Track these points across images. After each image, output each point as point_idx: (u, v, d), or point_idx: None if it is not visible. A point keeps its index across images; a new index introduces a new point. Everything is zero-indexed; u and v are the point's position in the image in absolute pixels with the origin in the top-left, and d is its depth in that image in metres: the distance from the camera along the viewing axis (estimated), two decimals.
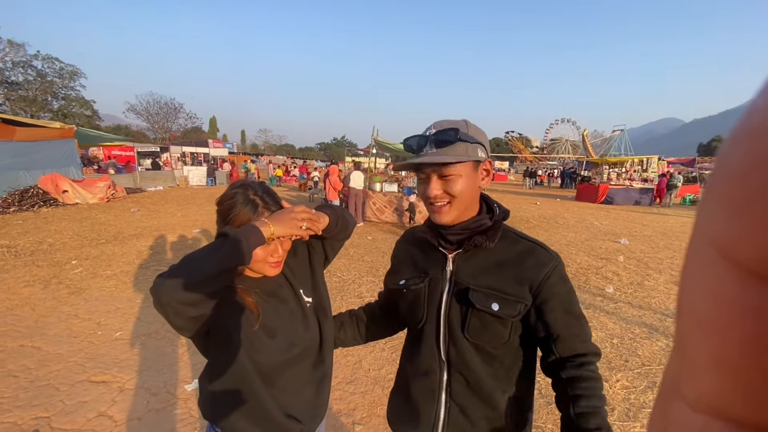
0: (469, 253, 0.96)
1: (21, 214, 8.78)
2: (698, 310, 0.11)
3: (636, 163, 19.46)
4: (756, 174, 0.09)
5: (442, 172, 0.89)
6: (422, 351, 1.01)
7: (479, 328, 0.92)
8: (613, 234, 8.42)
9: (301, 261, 1.18)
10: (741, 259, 0.10)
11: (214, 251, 0.81)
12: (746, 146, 0.10)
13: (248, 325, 0.98)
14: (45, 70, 36.13)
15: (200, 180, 19.05)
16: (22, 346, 3.14)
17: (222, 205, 1.01)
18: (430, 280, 1.00)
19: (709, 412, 0.11)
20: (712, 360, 0.11)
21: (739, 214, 0.10)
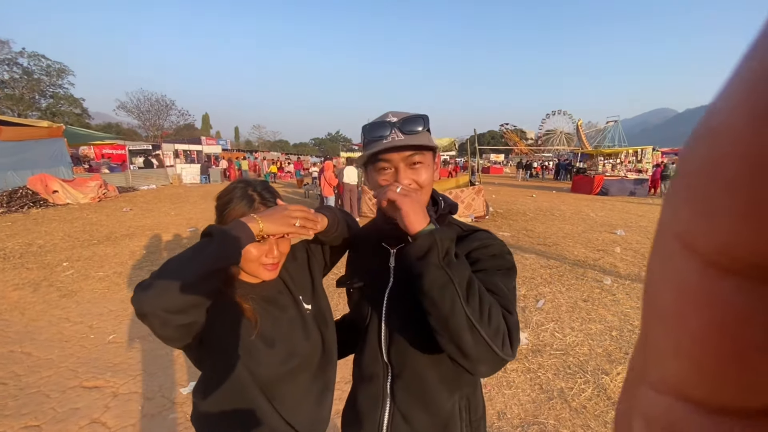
0: None
1: (10, 216, 8.63)
2: (661, 299, 0.12)
3: (631, 153, 19.53)
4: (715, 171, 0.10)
5: (412, 160, 0.86)
6: (366, 353, 0.97)
7: (422, 324, 0.81)
8: (610, 225, 8.43)
9: (301, 267, 1.13)
10: (701, 251, 0.10)
11: (198, 252, 0.76)
12: (706, 145, 0.10)
13: (245, 333, 0.93)
14: (31, 68, 35.50)
15: (194, 178, 18.87)
16: (11, 351, 3.06)
17: (220, 200, 0.97)
18: (372, 277, 0.96)
19: (672, 394, 0.12)
20: (673, 346, 0.11)
21: (700, 208, 0.10)
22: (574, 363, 2.92)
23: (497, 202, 12.02)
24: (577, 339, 3.29)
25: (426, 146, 0.87)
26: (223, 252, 0.77)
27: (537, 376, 2.76)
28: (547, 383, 2.67)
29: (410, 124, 0.85)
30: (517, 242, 6.81)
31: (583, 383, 2.65)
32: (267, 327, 0.96)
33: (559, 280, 4.78)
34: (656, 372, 0.12)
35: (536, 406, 2.44)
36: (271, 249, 0.95)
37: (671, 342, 0.11)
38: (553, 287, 4.54)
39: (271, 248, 0.95)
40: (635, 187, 15.59)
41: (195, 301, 0.74)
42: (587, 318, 3.70)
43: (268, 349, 0.94)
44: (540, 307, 3.94)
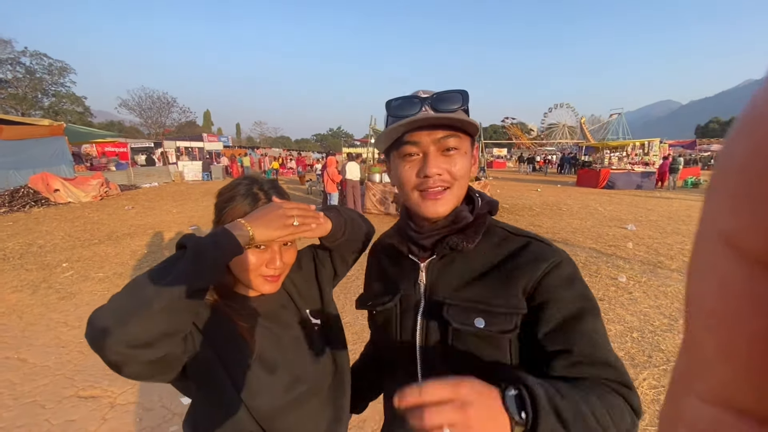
0: (445, 259, 0.76)
1: (11, 215, 8.54)
2: (707, 302, 0.11)
3: (638, 146, 19.23)
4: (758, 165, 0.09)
5: (445, 144, 0.70)
6: (397, 378, 0.80)
7: (466, 358, 0.69)
8: (619, 220, 8.23)
9: (308, 276, 0.98)
10: (748, 249, 0.10)
11: (165, 272, 0.60)
12: (748, 139, 0.10)
13: (240, 358, 0.79)
14: (33, 67, 35.48)
15: (196, 175, 18.77)
16: (7, 358, 2.94)
17: (221, 197, 0.84)
18: (401, 297, 0.79)
19: (721, 404, 0.11)
20: (721, 352, 0.11)
21: (744, 204, 0.10)
22: None
23: (502, 197, 11.83)
24: None
25: (464, 127, 0.70)
26: (198, 269, 0.60)
27: None
28: None
29: (445, 101, 0.69)
30: None
31: None
32: (267, 349, 0.82)
33: None
34: (702, 380, 0.12)
35: None
36: (273, 258, 0.81)
37: (718, 348, 0.11)
38: None
39: (273, 257, 0.81)
40: (642, 181, 15.36)
41: (164, 331, 0.59)
42: (605, 318, 3.53)
43: (269, 376, 0.80)
44: None
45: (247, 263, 0.79)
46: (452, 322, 0.69)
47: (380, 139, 0.75)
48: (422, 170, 0.70)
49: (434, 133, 0.69)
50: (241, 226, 0.69)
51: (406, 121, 0.68)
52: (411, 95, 0.72)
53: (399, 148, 0.73)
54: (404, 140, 0.71)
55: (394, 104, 0.72)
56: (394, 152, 0.75)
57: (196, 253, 0.61)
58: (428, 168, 0.69)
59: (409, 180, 0.73)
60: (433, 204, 0.72)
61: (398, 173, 0.74)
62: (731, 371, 0.11)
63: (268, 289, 0.83)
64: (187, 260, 0.60)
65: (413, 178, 0.72)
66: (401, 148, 0.72)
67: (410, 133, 0.70)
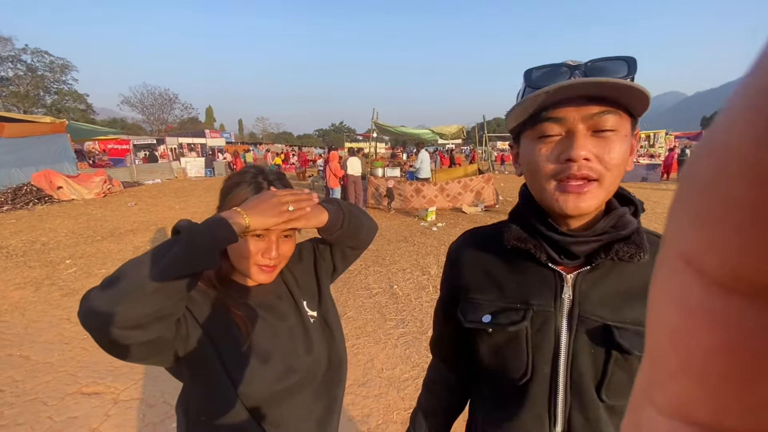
0: (598, 272, 0.62)
1: (15, 213, 8.55)
2: (666, 318, 0.11)
3: (643, 138, 19.05)
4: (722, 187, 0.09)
5: (600, 123, 0.54)
6: (522, 419, 0.67)
7: (626, 384, 0.60)
8: None
9: (307, 269, 0.98)
10: (707, 269, 0.10)
11: (160, 255, 0.61)
12: (709, 161, 0.10)
13: (234, 346, 0.79)
14: (35, 65, 35.49)
15: (198, 171, 18.75)
16: (9, 355, 2.94)
17: (227, 182, 0.86)
18: (534, 314, 0.65)
19: (678, 417, 0.11)
20: (679, 367, 0.11)
21: (707, 226, 0.10)
22: None
23: (507, 191, 11.73)
24: None
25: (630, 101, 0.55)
26: (191, 255, 0.61)
27: None
28: None
29: (604, 70, 0.55)
30: None
31: None
32: (261, 338, 0.83)
33: None
34: (662, 394, 0.12)
35: None
36: (269, 248, 0.81)
37: (677, 361, 0.11)
38: None
39: (269, 247, 0.81)
40: (647, 173, 15.19)
41: (155, 314, 0.61)
42: None
43: (261, 364, 0.81)
44: None
45: (243, 252, 0.80)
46: (632, 349, 0.58)
47: (511, 113, 0.60)
48: (565, 152, 0.55)
49: (586, 108, 0.54)
50: (238, 214, 0.69)
51: (551, 87, 0.53)
52: (559, 63, 0.58)
53: (534, 126, 0.58)
54: (543, 116, 0.57)
55: (536, 73, 0.59)
56: (527, 132, 0.61)
57: (190, 238, 0.61)
58: (574, 150, 0.54)
59: (544, 166, 0.58)
60: (575, 198, 0.56)
61: (531, 157, 0.59)
62: (688, 386, 0.11)
63: (263, 278, 0.83)
64: (181, 245, 0.60)
65: (550, 164, 0.57)
66: (537, 127, 0.58)
67: (553, 109, 0.56)
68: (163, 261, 0.59)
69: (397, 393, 2.46)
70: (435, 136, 11.18)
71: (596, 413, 0.62)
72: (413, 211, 8.38)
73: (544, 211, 0.64)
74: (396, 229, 7.05)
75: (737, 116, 0.09)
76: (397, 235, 6.54)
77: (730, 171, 0.09)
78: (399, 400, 2.39)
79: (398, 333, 3.21)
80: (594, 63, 0.56)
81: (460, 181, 8.71)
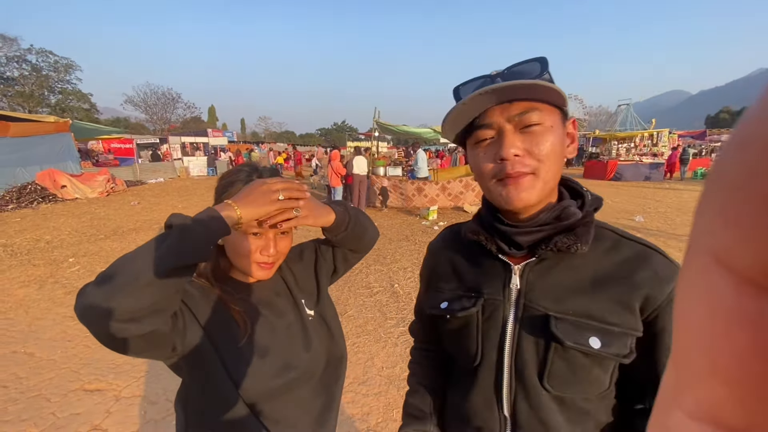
0: (545, 263, 0.66)
1: (19, 211, 8.62)
2: (694, 318, 0.11)
3: (646, 137, 18.93)
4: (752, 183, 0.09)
5: (524, 120, 0.59)
6: (474, 401, 0.71)
7: (567, 375, 0.63)
8: (627, 212, 8.13)
9: (307, 267, 0.99)
10: (738, 268, 0.10)
11: (155, 247, 0.61)
12: (740, 155, 0.10)
13: (232, 341, 0.80)
14: (40, 65, 35.63)
15: (201, 170, 18.82)
16: (14, 352, 2.96)
17: (222, 181, 0.86)
18: (485, 302, 0.69)
19: (707, 421, 0.11)
20: (708, 369, 0.11)
21: (736, 222, 0.10)
22: None
23: None
24: None
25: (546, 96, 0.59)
26: (183, 248, 0.61)
27: None
28: None
29: (519, 73, 0.60)
30: None
31: None
32: (259, 334, 0.83)
33: None
34: (690, 396, 0.11)
35: None
36: (267, 245, 0.82)
37: (706, 364, 0.11)
38: None
39: (267, 245, 0.82)
40: (651, 172, 15.13)
41: (150, 307, 0.61)
42: None
43: (259, 359, 0.81)
44: None
45: (241, 250, 0.80)
46: (564, 339, 0.61)
47: (447, 126, 0.65)
48: (498, 153, 0.60)
49: (508, 108, 0.59)
50: (228, 206, 0.69)
51: (468, 97, 0.58)
52: (480, 76, 0.64)
53: (471, 133, 0.64)
54: (476, 124, 0.62)
55: (462, 88, 0.64)
56: (468, 140, 0.66)
57: (182, 231, 0.61)
58: (504, 150, 0.59)
59: (485, 167, 0.63)
60: (514, 190, 0.60)
61: (474, 162, 0.65)
62: (718, 389, 0.10)
63: (261, 275, 0.84)
64: (174, 238, 0.61)
65: (489, 165, 0.62)
66: (473, 134, 0.63)
67: (482, 115, 0.61)
68: (156, 254, 0.60)
69: (397, 391, 2.47)
70: (437, 135, 11.16)
71: (539, 400, 0.65)
72: (415, 210, 8.38)
73: (496, 208, 0.68)
74: (397, 228, 7.05)
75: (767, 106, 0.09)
76: (398, 234, 6.55)
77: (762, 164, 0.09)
78: (399, 399, 2.40)
79: (398, 332, 3.22)
80: (511, 68, 0.62)
81: (462, 180, 8.70)
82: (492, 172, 0.62)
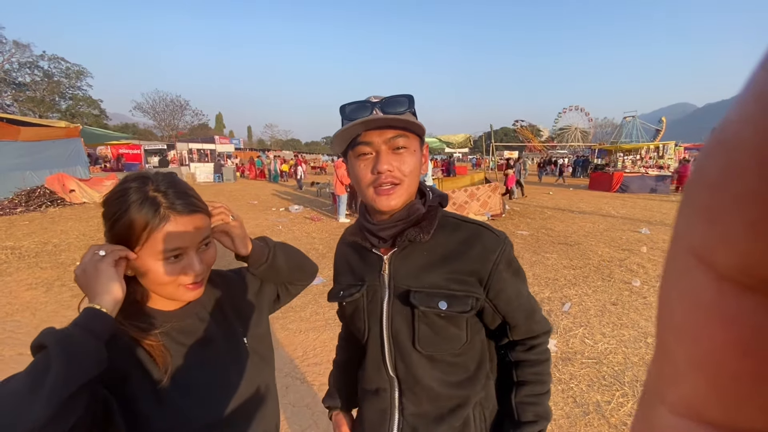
0: (405, 251, 0.84)
1: (28, 215, 8.72)
2: (676, 316, 0.11)
3: (652, 149, 18.88)
4: (731, 183, 0.09)
5: (395, 143, 0.77)
6: (369, 368, 0.89)
7: (430, 336, 0.81)
8: (633, 223, 8.08)
9: (249, 293, 0.94)
10: (718, 266, 0.10)
11: (37, 385, 0.51)
12: (719, 157, 0.10)
13: (150, 382, 0.70)
14: (51, 71, 36.38)
15: (207, 176, 19.00)
16: (20, 354, 2.99)
17: (108, 207, 0.71)
18: (368, 288, 0.87)
19: (690, 416, 0.11)
20: (690, 365, 0.11)
21: (716, 221, 0.10)
22: (608, 373, 2.69)
23: (513, 200, 11.71)
24: (609, 346, 3.06)
25: (411, 128, 0.77)
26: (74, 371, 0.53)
27: (569, 387, 2.55)
28: (581, 396, 2.46)
29: (393, 104, 0.77)
30: (537, 241, 6.56)
31: (621, 396, 2.44)
32: (184, 368, 0.74)
33: (585, 282, 4.53)
34: (673, 392, 0.12)
35: (571, 422, 2.24)
36: (191, 264, 0.72)
37: (688, 359, 0.11)
38: (579, 289, 4.30)
39: (190, 263, 0.72)
40: (657, 184, 15.04)
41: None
42: (618, 323, 3.46)
43: (184, 399, 0.72)
44: (567, 311, 3.71)
45: (160, 277, 0.70)
46: (419, 305, 0.78)
47: (336, 140, 0.79)
48: (375, 167, 0.76)
49: (384, 133, 0.76)
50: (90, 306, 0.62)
51: (358, 122, 0.73)
52: (363, 100, 0.78)
53: (354, 147, 0.78)
54: (358, 141, 0.77)
55: (348, 108, 0.78)
56: (351, 152, 0.80)
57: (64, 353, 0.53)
58: (380, 165, 0.75)
59: (364, 177, 0.78)
60: (386, 198, 0.77)
61: (355, 171, 0.80)
62: (699, 384, 0.11)
63: (192, 296, 0.75)
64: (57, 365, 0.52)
65: (368, 175, 0.78)
66: (356, 148, 0.78)
67: (363, 134, 0.76)
68: (43, 391, 0.50)
69: None
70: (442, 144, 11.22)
71: (412, 360, 0.83)
72: None
73: (369, 211, 0.86)
74: None
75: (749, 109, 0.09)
76: None
77: (742, 164, 0.09)
78: None
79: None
80: (388, 99, 0.77)
81: (467, 189, 8.71)
82: (370, 181, 0.78)
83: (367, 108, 0.76)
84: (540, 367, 0.86)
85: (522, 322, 0.84)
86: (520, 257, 5.53)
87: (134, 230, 0.68)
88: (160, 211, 0.69)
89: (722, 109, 19.27)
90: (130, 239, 0.69)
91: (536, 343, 0.86)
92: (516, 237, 6.88)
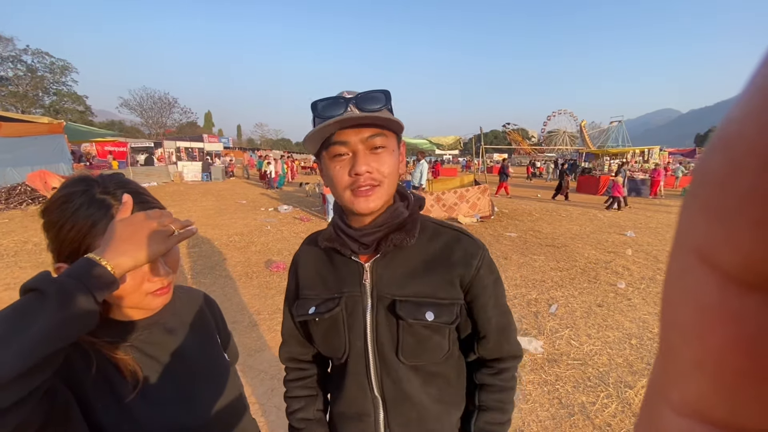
0: (388, 257, 0.79)
1: (8, 213, 8.49)
2: (680, 315, 0.11)
3: (638, 153, 19.26)
4: (735, 181, 0.09)
5: (373, 143, 0.71)
6: (349, 389, 0.82)
7: (414, 347, 0.77)
8: (619, 226, 8.21)
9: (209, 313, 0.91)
10: (721, 264, 0.10)
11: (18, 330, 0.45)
12: (722, 155, 0.10)
13: (118, 396, 0.66)
14: (35, 65, 35.60)
15: (195, 175, 18.73)
16: None
17: (49, 215, 0.64)
18: (347, 299, 0.79)
19: (694, 416, 0.11)
20: (694, 365, 0.11)
21: (720, 220, 0.10)
22: (594, 374, 2.72)
23: (502, 202, 11.81)
24: (594, 347, 3.09)
25: (389, 125, 0.72)
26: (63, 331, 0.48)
27: (555, 388, 2.57)
28: (566, 397, 2.48)
29: (369, 100, 0.71)
30: (525, 243, 6.61)
31: (605, 397, 2.46)
32: (153, 381, 0.70)
33: (571, 284, 4.58)
34: (677, 392, 0.12)
35: (556, 423, 2.25)
36: (155, 268, 0.67)
37: (692, 359, 0.11)
38: (566, 291, 4.34)
39: (155, 268, 0.67)
40: (642, 188, 15.33)
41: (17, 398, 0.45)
42: (604, 324, 3.51)
43: (154, 411, 0.69)
44: (553, 313, 3.75)
45: (126, 287, 0.64)
46: (406, 317, 0.74)
47: (309, 139, 0.73)
48: (353, 169, 0.71)
49: (361, 131, 0.70)
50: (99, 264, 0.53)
51: (332, 121, 0.68)
52: (336, 96, 0.72)
53: (328, 148, 0.72)
54: (333, 140, 0.71)
55: (321, 105, 0.72)
56: (324, 153, 0.74)
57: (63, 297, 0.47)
58: (357, 166, 0.70)
59: (341, 180, 0.73)
60: (365, 200, 0.72)
61: (330, 174, 0.74)
62: (703, 384, 0.11)
63: (160, 303, 0.71)
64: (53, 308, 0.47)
65: (345, 177, 0.72)
66: (331, 149, 0.72)
67: (338, 133, 0.71)
68: (30, 333, 0.45)
69: None
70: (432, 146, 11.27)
71: (398, 374, 0.78)
72: None
73: (347, 215, 0.80)
74: None
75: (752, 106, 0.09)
76: None
77: (746, 162, 0.09)
78: None
79: None
80: (363, 94, 0.71)
81: (456, 191, 8.75)
82: (347, 183, 0.72)
83: (341, 104, 0.70)
84: (504, 395, 0.82)
85: (493, 335, 0.80)
86: (509, 259, 5.58)
87: (83, 237, 0.61)
88: (110, 213, 0.63)
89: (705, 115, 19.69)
90: (79, 248, 0.62)
91: (504, 367, 0.82)
92: (504, 239, 6.93)
